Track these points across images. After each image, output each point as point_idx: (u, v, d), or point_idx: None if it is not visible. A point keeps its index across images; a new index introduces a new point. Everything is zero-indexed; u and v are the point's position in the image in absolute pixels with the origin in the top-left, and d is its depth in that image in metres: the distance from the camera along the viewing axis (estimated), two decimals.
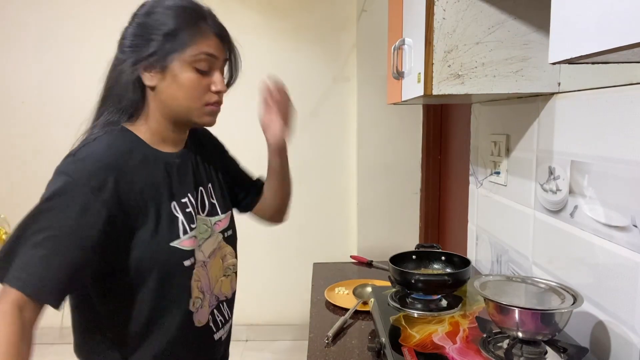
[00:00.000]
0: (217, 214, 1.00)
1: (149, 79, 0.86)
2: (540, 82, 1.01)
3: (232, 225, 1.06)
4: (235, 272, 1.07)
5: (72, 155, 0.82)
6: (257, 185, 1.17)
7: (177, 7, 0.86)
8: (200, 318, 0.93)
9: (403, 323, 0.97)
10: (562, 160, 0.99)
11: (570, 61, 0.54)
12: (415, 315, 1.01)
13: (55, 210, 0.75)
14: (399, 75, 1.21)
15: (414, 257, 1.21)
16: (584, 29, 0.49)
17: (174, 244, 0.86)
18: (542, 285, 0.90)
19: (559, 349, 0.81)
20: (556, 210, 1.02)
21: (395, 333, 0.92)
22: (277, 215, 1.19)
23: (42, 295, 0.73)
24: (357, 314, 1.21)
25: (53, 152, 2.88)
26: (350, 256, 1.79)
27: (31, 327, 0.72)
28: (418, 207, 2.63)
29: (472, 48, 0.99)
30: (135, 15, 0.89)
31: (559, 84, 1.01)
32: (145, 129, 0.89)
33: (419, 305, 1.05)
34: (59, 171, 0.79)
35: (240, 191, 1.14)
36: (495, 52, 0.99)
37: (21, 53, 2.71)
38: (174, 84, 0.85)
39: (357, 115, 2.68)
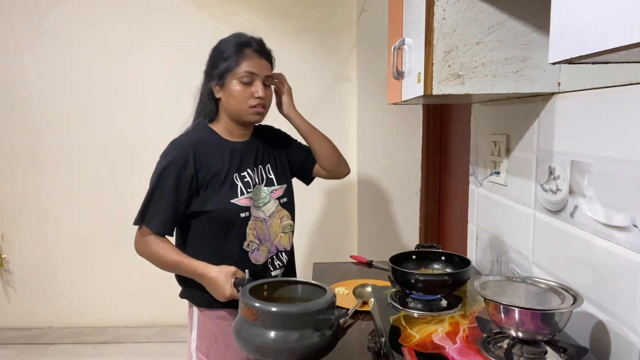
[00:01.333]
0: (273, 185, 1.37)
1: (217, 93, 1.30)
2: (540, 82, 1.01)
3: (287, 194, 1.40)
4: (292, 231, 1.42)
5: (171, 142, 1.27)
6: (309, 156, 1.50)
7: (234, 41, 1.27)
8: (258, 258, 1.31)
9: (403, 323, 0.97)
10: (562, 160, 0.99)
11: (570, 61, 0.54)
12: (415, 315, 1.01)
13: (162, 182, 1.22)
14: (399, 75, 1.21)
15: (414, 257, 1.20)
16: (584, 29, 0.49)
17: (234, 201, 1.26)
18: (542, 285, 0.90)
19: (559, 349, 0.81)
20: (556, 210, 1.02)
21: (395, 333, 0.92)
22: (335, 165, 1.52)
23: (162, 232, 1.24)
24: (357, 314, 1.21)
25: (53, 151, 2.90)
26: (350, 256, 1.79)
27: (164, 239, 1.26)
28: (418, 207, 2.63)
29: (472, 48, 0.99)
30: (213, 49, 1.30)
31: (559, 84, 1.01)
32: (219, 126, 1.33)
33: (419, 305, 1.05)
34: (163, 154, 1.25)
35: (300, 166, 1.50)
36: (495, 52, 0.99)
37: (21, 53, 2.71)
38: (229, 94, 1.27)
39: (357, 115, 2.68)
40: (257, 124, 1.42)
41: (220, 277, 1.16)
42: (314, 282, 1.04)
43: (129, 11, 2.68)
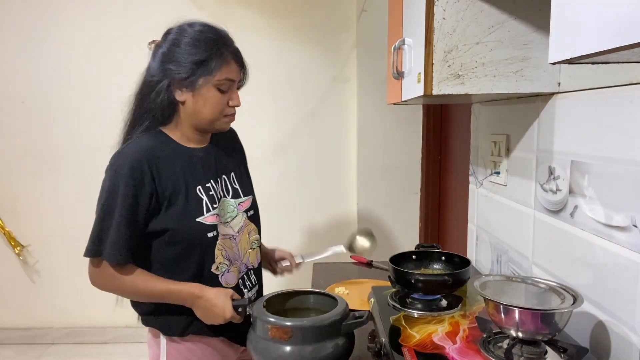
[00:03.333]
0: (240, 197, 1.24)
1: (179, 96, 1.10)
2: (540, 82, 1.01)
3: (253, 206, 1.28)
4: (259, 246, 1.30)
5: (117, 153, 1.10)
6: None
7: (204, 39, 1.08)
8: (229, 280, 1.17)
9: (403, 323, 0.97)
10: (562, 160, 0.99)
11: (570, 61, 0.54)
12: (415, 315, 1.01)
13: (116, 202, 1.04)
14: (399, 75, 1.21)
15: (414, 257, 1.21)
16: (584, 29, 0.49)
17: (199, 219, 1.10)
18: (542, 285, 0.89)
19: (559, 349, 0.81)
20: (556, 210, 1.02)
21: (395, 333, 0.92)
22: None
23: (126, 262, 1.06)
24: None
25: (53, 152, 2.90)
26: (350, 256, 1.79)
27: (131, 265, 1.08)
28: (418, 207, 2.62)
29: (472, 48, 0.99)
30: (164, 41, 1.11)
31: (559, 84, 1.01)
32: (176, 131, 1.15)
33: (419, 305, 1.05)
34: (111, 168, 1.07)
35: None
36: (495, 52, 0.99)
37: (21, 53, 2.71)
38: (201, 101, 1.09)
39: (357, 115, 2.68)
40: None
41: (220, 296, 1.06)
42: (311, 289, 1.08)
43: (128, 11, 2.68)
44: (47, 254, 2.87)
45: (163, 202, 1.08)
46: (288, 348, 0.90)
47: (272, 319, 0.93)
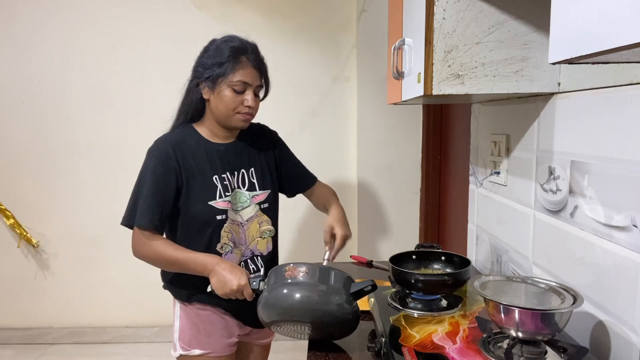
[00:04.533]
0: (255, 190, 1.37)
1: (205, 94, 1.29)
2: (540, 82, 1.01)
3: (269, 200, 1.40)
4: (272, 237, 1.43)
5: (155, 141, 1.30)
6: (303, 180, 1.54)
7: (230, 46, 1.26)
8: (231, 260, 1.29)
9: (403, 323, 0.97)
10: (562, 160, 0.99)
11: (570, 61, 0.54)
12: (415, 315, 1.01)
13: (150, 179, 1.24)
14: (399, 75, 1.21)
15: (414, 257, 1.21)
16: (584, 29, 0.49)
17: (211, 203, 1.28)
18: (542, 285, 0.90)
19: (559, 349, 0.81)
20: (556, 210, 1.02)
21: (395, 333, 0.93)
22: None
23: (158, 228, 1.24)
24: None
25: (53, 151, 2.90)
26: (350, 256, 1.79)
27: (160, 236, 1.26)
28: (418, 207, 2.62)
29: (472, 48, 0.99)
30: (207, 49, 1.30)
31: (559, 84, 1.01)
32: (203, 127, 1.34)
33: (419, 305, 1.05)
34: (148, 152, 1.28)
35: (290, 182, 1.51)
36: (495, 52, 0.99)
37: (21, 53, 2.71)
38: (218, 98, 1.27)
39: (357, 115, 2.68)
40: None
41: (237, 267, 1.18)
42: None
43: (128, 11, 2.68)
44: (48, 254, 2.87)
45: (184, 182, 1.26)
46: (302, 279, 1.00)
47: (290, 263, 1.05)
